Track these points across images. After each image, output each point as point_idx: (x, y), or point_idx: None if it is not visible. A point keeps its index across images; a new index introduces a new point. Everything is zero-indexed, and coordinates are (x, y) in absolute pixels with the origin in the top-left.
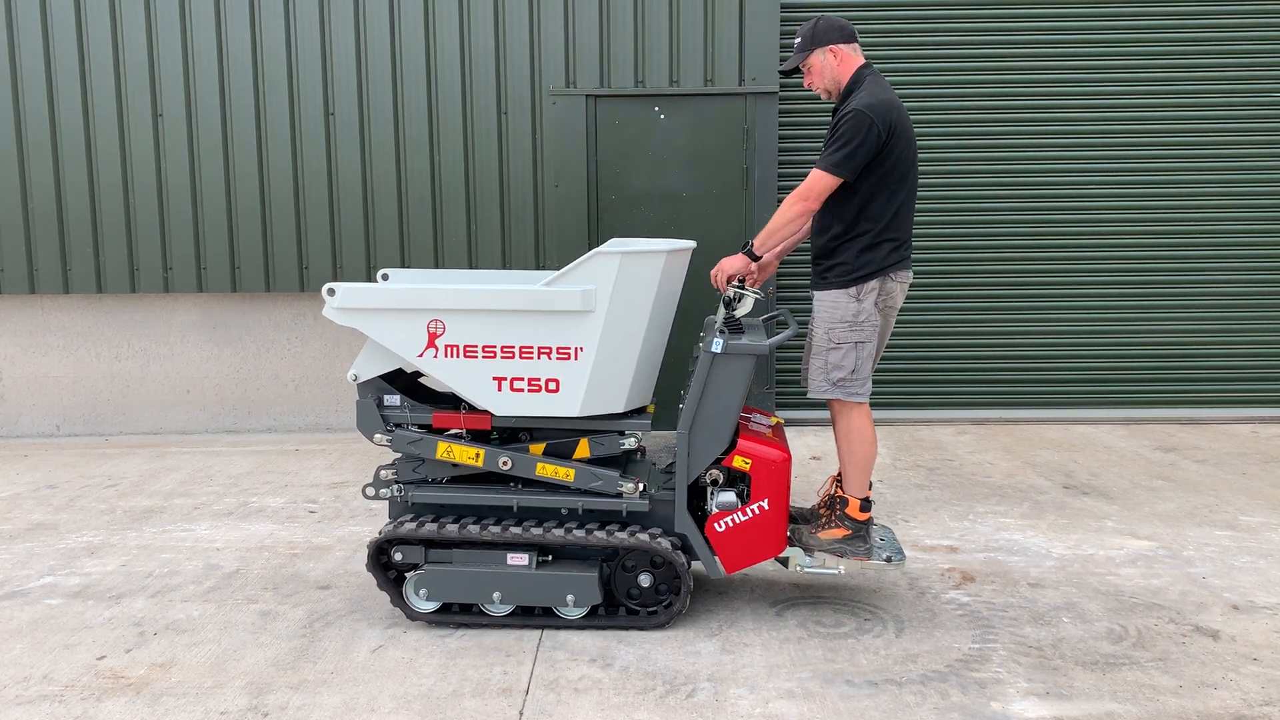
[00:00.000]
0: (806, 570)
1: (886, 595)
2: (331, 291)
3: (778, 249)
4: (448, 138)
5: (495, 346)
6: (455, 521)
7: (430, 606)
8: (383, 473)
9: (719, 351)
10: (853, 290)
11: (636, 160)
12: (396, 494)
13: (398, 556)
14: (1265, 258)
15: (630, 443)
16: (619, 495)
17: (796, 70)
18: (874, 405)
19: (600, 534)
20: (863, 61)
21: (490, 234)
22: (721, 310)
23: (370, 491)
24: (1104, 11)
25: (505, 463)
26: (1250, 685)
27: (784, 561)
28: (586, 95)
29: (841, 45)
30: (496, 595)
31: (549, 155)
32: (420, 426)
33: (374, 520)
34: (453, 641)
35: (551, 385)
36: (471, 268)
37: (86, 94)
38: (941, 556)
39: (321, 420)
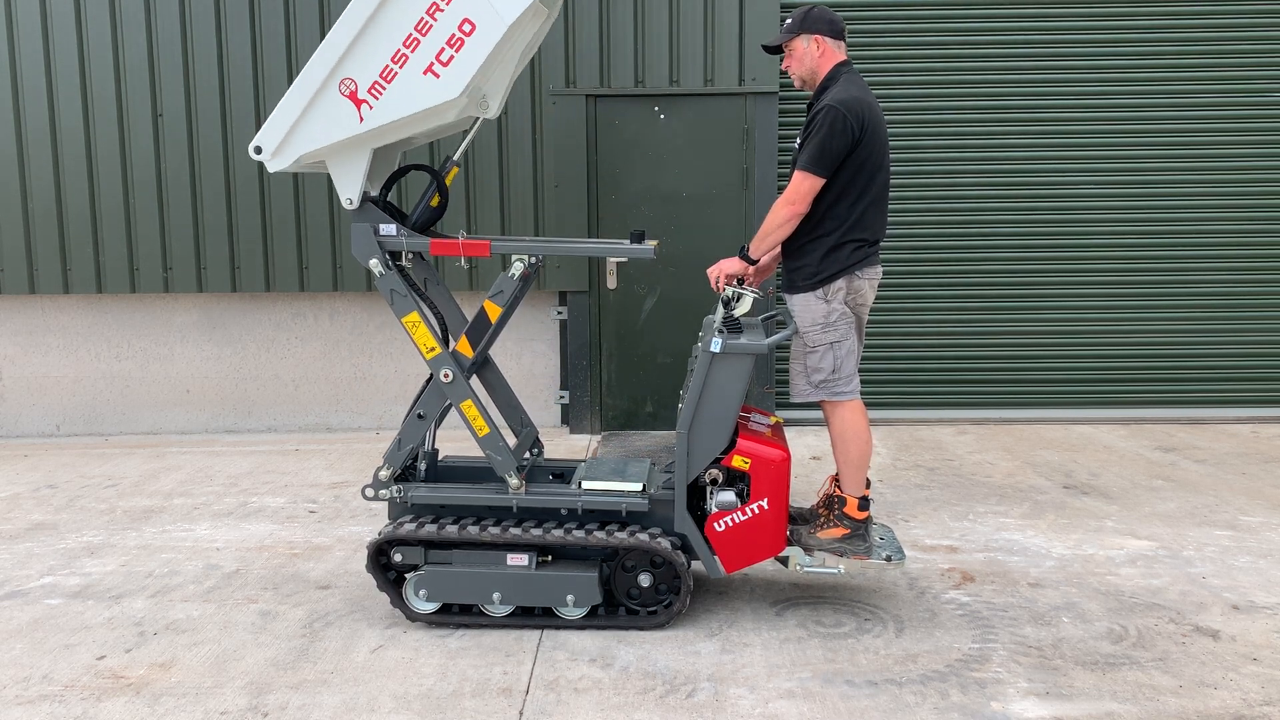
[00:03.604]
0: (806, 570)
1: (886, 595)
2: (259, 150)
3: (775, 251)
4: (447, 137)
5: (399, 46)
6: (455, 522)
7: (430, 607)
8: (381, 473)
9: (718, 351)
10: (820, 292)
11: (636, 160)
12: (396, 495)
13: (397, 557)
14: (1265, 257)
15: (517, 268)
16: (504, 481)
17: (780, 51)
18: (874, 405)
19: (600, 534)
20: (843, 58)
21: (490, 234)
22: (720, 310)
23: (369, 493)
24: (1096, 12)
25: (447, 375)
26: (1250, 685)
27: (784, 561)
28: (586, 95)
29: (827, 38)
30: (496, 596)
31: (549, 155)
32: (417, 255)
33: (374, 520)
34: (453, 641)
35: (466, 27)
36: (471, 268)
37: (86, 94)
38: (941, 556)
39: (321, 420)
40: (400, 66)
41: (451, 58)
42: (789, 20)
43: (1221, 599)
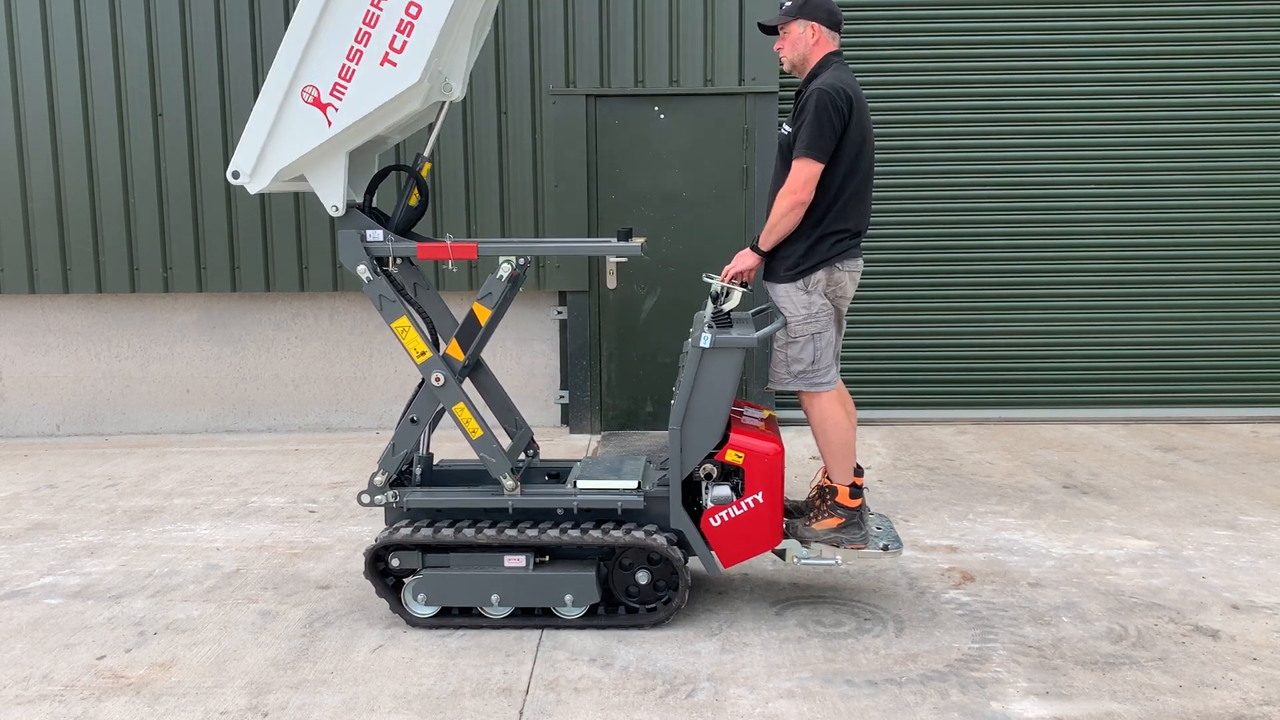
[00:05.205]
0: (804, 562)
1: (886, 595)
2: (236, 174)
3: None
4: (447, 138)
5: (352, 41)
6: (451, 525)
7: (429, 611)
8: (376, 479)
9: (708, 346)
10: (800, 283)
11: (636, 160)
12: (392, 500)
13: (395, 562)
14: (1265, 257)
15: (504, 269)
16: (498, 483)
17: (776, 31)
18: (874, 405)
19: (596, 533)
20: (835, 49)
21: (490, 235)
22: (709, 305)
23: (365, 498)
24: (1089, 12)
25: (438, 379)
26: (1250, 685)
27: (781, 554)
28: (586, 95)
29: (824, 27)
30: (495, 597)
31: (549, 155)
32: (405, 259)
33: (374, 520)
34: (452, 641)
35: (413, 10)
36: (474, 267)
37: (86, 94)
38: (941, 556)
39: (321, 420)
40: (357, 63)
41: (405, 44)
42: (789, 3)
43: (1221, 599)
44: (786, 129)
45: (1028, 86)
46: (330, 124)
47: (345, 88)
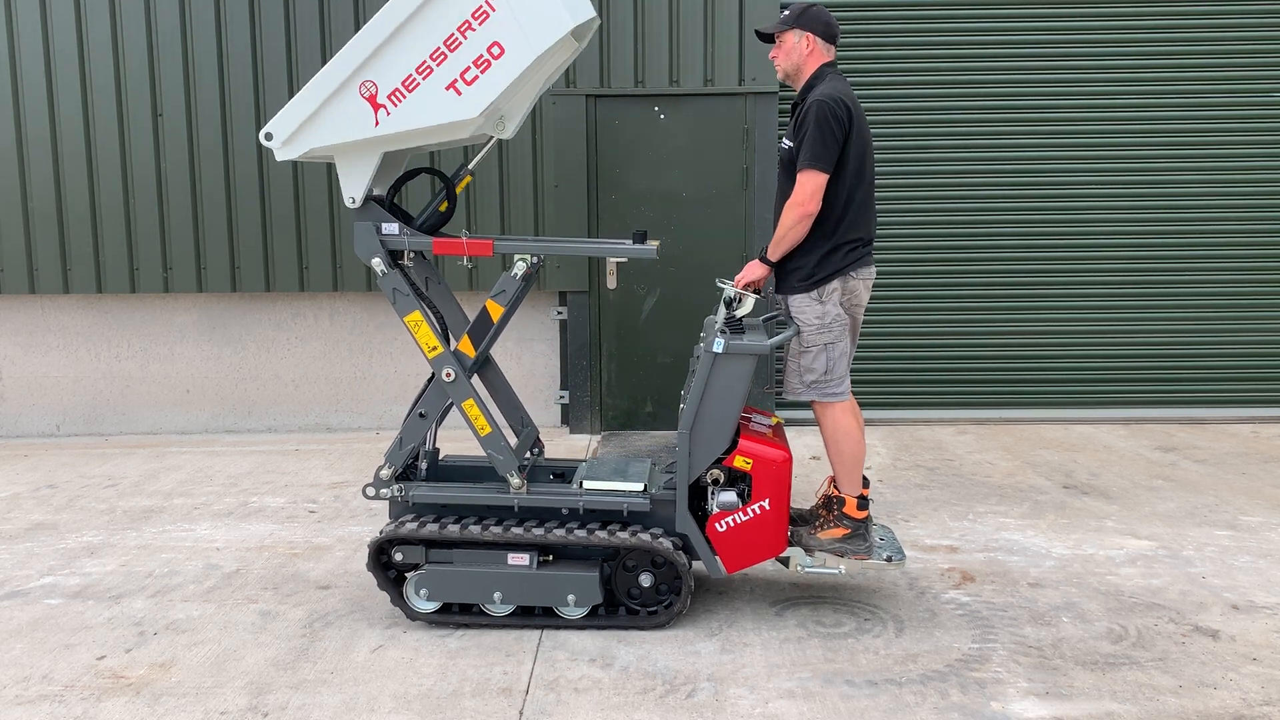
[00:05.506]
0: (807, 570)
1: (886, 595)
2: (270, 136)
3: None
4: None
5: (425, 58)
6: (456, 521)
7: (431, 607)
8: (382, 473)
9: (720, 352)
10: (814, 293)
11: (636, 160)
12: (397, 494)
13: (398, 557)
14: (1265, 257)
15: (519, 267)
16: (505, 481)
17: (772, 39)
18: (874, 405)
19: (601, 534)
20: (830, 60)
21: (490, 235)
22: (722, 310)
23: (371, 492)
24: (1100, 12)
25: (449, 374)
26: (1250, 685)
27: (785, 561)
28: (586, 95)
29: (819, 39)
30: (497, 595)
31: (549, 155)
32: (418, 254)
33: (374, 520)
34: (453, 641)
35: (495, 50)
36: (472, 268)
37: (86, 94)
38: (941, 556)
39: (321, 420)
40: (424, 78)
41: (476, 78)
42: (787, 12)
43: (1221, 599)
44: (787, 143)
45: (1033, 86)
46: (377, 124)
47: (404, 96)
